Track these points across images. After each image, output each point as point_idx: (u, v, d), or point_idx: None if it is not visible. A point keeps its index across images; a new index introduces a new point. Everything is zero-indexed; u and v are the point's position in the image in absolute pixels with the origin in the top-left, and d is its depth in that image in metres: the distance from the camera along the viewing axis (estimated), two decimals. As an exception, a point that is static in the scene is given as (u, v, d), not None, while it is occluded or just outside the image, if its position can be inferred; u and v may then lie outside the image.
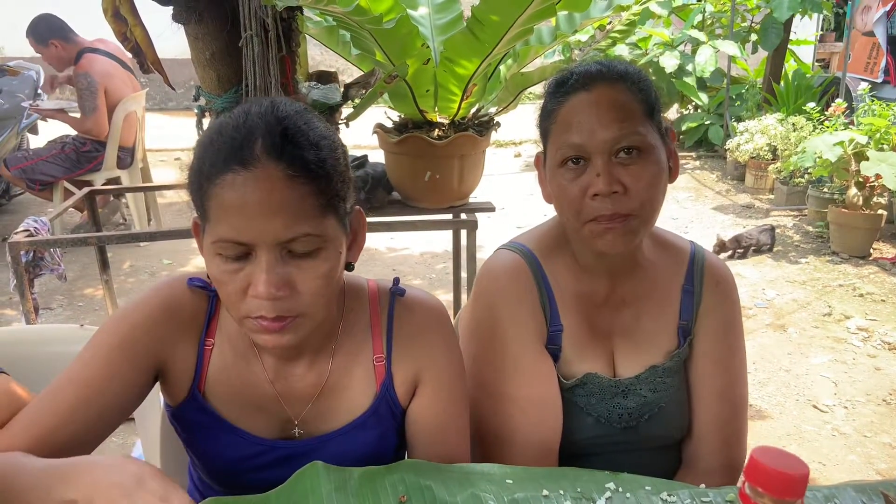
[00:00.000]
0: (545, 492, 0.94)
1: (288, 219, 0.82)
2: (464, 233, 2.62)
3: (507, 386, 1.11)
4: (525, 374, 1.11)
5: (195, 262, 4.36)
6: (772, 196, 5.43)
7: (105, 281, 2.66)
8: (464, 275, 2.95)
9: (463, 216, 2.50)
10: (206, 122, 1.90)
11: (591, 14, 2.24)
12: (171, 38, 1.76)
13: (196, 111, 1.92)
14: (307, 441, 1.03)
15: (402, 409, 1.05)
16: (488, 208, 2.50)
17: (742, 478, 0.62)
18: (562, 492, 0.94)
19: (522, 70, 2.33)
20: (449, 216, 2.54)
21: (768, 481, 0.58)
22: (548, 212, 5.34)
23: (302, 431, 1.03)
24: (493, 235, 3.99)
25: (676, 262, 1.19)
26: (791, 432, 2.64)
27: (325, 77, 2.02)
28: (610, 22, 2.51)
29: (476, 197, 2.56)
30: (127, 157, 4.52)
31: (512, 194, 5.70)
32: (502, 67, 2.39)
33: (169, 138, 7.44)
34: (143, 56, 1.77)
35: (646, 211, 1.03)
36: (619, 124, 1.00)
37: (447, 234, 4.03)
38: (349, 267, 0.97)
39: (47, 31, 4.19)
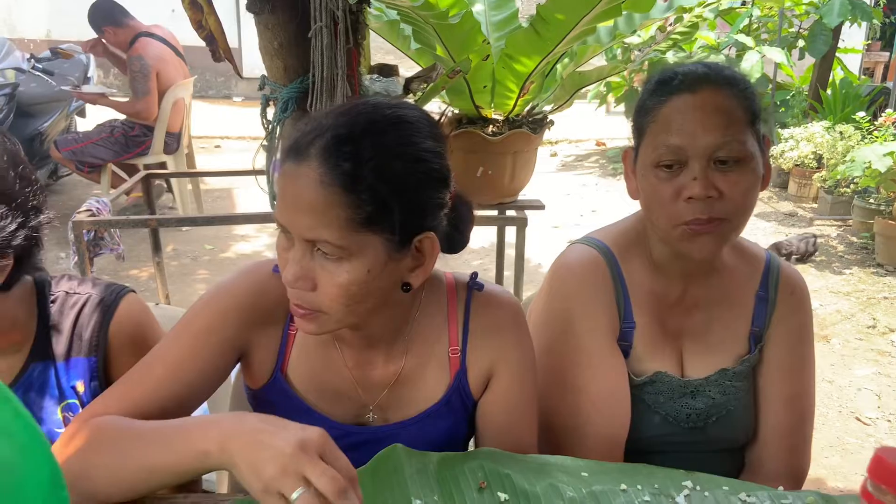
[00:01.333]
0: (623, 486, 0.95)
1: (312, 221, 0.84)
2: (509, 230, 2.63)
3: (579, 378, 1.13)
4: (597, 368, 1.13)
5: (236, 248, 4.43)
6: (815, 205, 5.36)
7: (157, 263, 2.71)
8: (507, 273, 2.96)
9: (509, 213, 2.51)
10: (270, 111, 1.92)
11: (652, 15, 2.24)
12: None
13: (261, 100, 1.95)
14: (381, 427, 1.06)
15: (474, 400, 1.07)
16: (537, 206, 2.50)
17: (865, 476, 0.64)
18: (639, 487, 0.95)
19: (579, 69, 2.33)
20: (494, 212, 2.55)
21: (893, 479, 0.59)
22: (584, 212, 5.33)
23: (376, 417, 1.06)
24: (528, 234, 4.00)
25: (752, 269, 1.19)
26: (833, 443, 2.62)
27: (387, 70, 2.05)
28: (671, 24, 2.50)
29: (525, 195, 2.57)
30: (173, 142, 4.60)
31: (548, 194, 5.69)
32: (559, 66, 2.39)
33: (209, 125, 7.54)
34: (216, 44, 1.81)
35: (738, 218, 1.03)
36: (723, 130, 0.99)
37: (484, 231, 4.05)
38: (406, 288, 0.94)
39: (100, 18, 4.27)
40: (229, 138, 7.51)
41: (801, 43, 6.25)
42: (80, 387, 1.07)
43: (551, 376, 1.15)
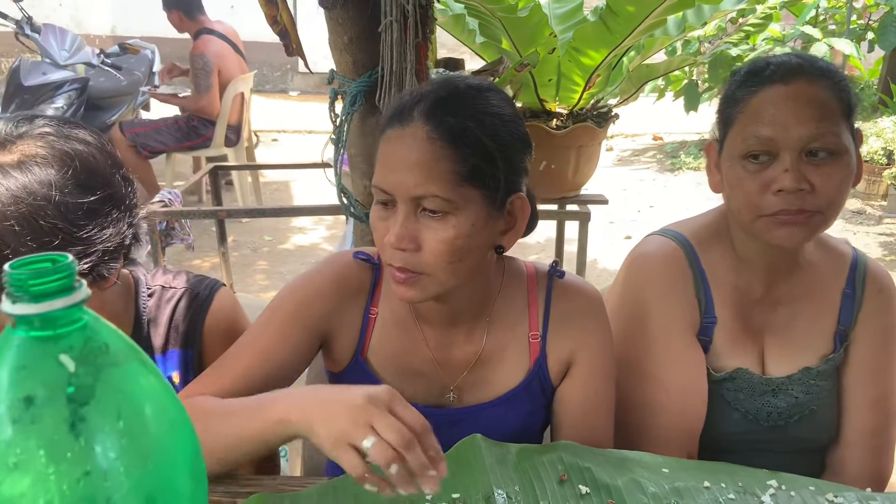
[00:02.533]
0: (706, 483, 0.94)
1: (420, 176, 0.88)
2: (569, 225, 2.62)
3: (654, 368, 1.12)
4: (674, 360, 1.11)
5: (294, 240, 4.50)
6: (884, 202, 5.16)
7: (222, 253, 2.79)
8: (566, 268, 2.94)
9: (570, 207, 2.49)
10: (338, 105, 1.95)
11: (722, 7, 2.19)
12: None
13: (329, 94, 1.97)
14: (459, 410, 1.07)
15: (553, 387, 1.08)
16: (600, 200, 2.48)
17: None
18: (723, 485, 0.94)
19: (647, 62, 2.30)
20: (554, 207, 2.54)
21: None
22: (641, 208, 5.23)
23: (456, 397, 1.07)
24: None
25: (838, 266, 1.16)
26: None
27: (453, 64, 2.06)
28: (744, 17, 2.44)
29: (587, 189, 2.55)
30: (234, 135, 4.71)
31: (605, 189, 5.62)
32: (625, 59, 2.36)
33: (266, 119, 7.68)
34: (289, 39, 1.84)
35: (830, 211, 1.01)
36: (817, 122, 0.97)
37: (540, 226, 4.03)
38: (498, 250, 0.99)
39: (175, 1, 4.41)
40: (286, 132, 7.64)
41: (870, 35, 6.01)
42: (176, 378, 1.11)
43: (626, 366, 1.14)
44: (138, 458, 0.40)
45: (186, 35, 4.54)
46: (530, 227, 1.04)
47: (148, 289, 1.10)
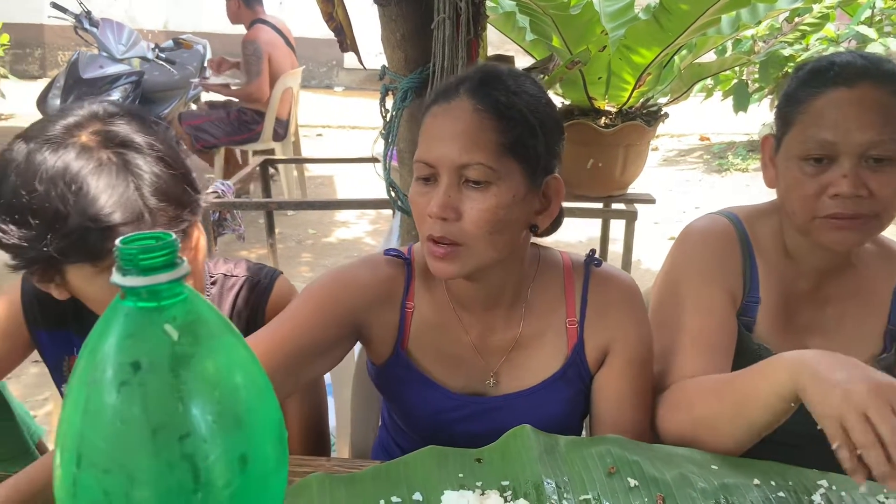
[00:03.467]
0: (756, 481, 0.94)
1: (466, 145, 0.92)
2: (614, 224, 2.61)
3: (682, 317, 1.11)
4: (701, 308, 1.10)
5: (337, 234, 4.57)
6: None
7: (270, 244, 2.85)
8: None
9: (615, 206, 2.49)
10: (388, 101, 1.98)
11: (778, 6, 2.16)
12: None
13: (380, 90, 2.01)
14: (498, 398, 1.09)
15: (591, 375, 1.09)
16: (647, 200, 2.47)
17: None
18: (773, 483, 0.94)
19: (699, 60, 2.28)
20: (599, 205, 2.53)
21: None
22: (687, 209, 5.16)
23: (496, 382, 1.09)
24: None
25: (890, 264, 1.15)
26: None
27: (503, 61, 2.07)
28: (799, 16, 2.40)
29: (633, 188, 2.54)
30: (282, 130, 4.80)
31: (650, 188, 5.57)
32: (676, 58, 2.35)
33: (311, 114, 7.78)
34: (344, 35, 1.89)
35: (885, 215, 1.00)
36: (879, 129, 0.96)
37: (582, 224, 4.01)
38: (533, 229, 1.01)
39: None
40: (330, 127, 7.74)
41: (929, 35, 5.82)
42: None
43: (658, 325, 1.13)
44: (232, 423, 0.43)
45: (237, 30, 4.65)
46: (557, 223, 1.05)
47: (211, 277, 1.15)
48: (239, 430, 0.43)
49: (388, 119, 2.00)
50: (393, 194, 2.01)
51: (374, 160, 3.40)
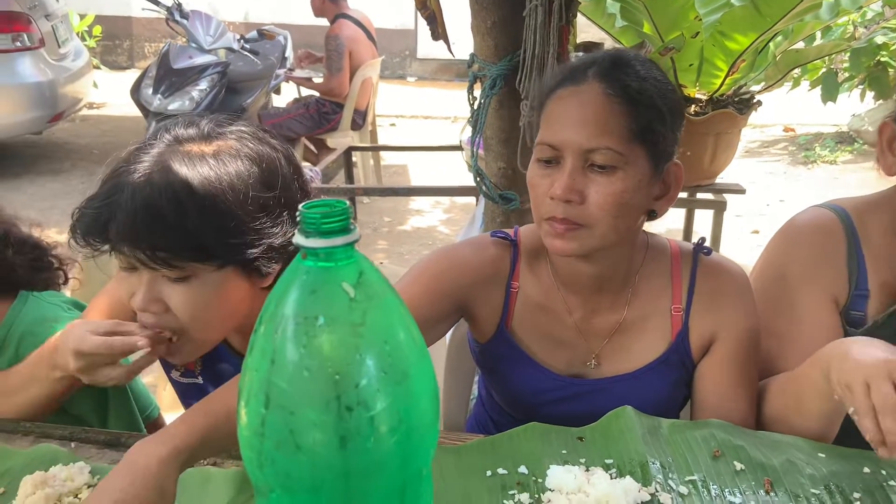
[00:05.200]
0: (866, 469, 0.93)
1: (595, 129, 0.92)
2: (698, 214, 2.56)
3: (783, 325, 1.11)
4: (804, 318, 1.10)
5: (412, 222, 4.63)
6: None
7: (353, 229, 2.93)
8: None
9: (700, 196, 2.44)
10: (476, 90, 2.00)
11: (883, -11, 2.08)
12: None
13: (469, 78, 2.04)
14: (599, 380, 1.10)
15: (694, 363, 1.08)
16: (737, 190, 2.42)
17: None
18: (884, 472, 0.93)
19: (796, 47, 2.21)
20: (685, 195, 2.50)
21: None
22: (770, 202, 4.98)
23: (597, 364, 1.10)
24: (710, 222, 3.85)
25: None
26: None
27: (592, 48, 2.06)
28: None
29: (722, 178, 2.49)
30: (360, 119, 4.89)
31: (732, 180, 5.43)
32: (772, 44, 2.28)
33: (384, 104, 7.88)
34: (436, 23, 1.92)
35: None
36: None
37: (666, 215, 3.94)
38: (652, 215, 1.02)
39: None
40: (403, 117, 7.82)
41: None
42: None
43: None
44: (400, 376, 0.47)
45: (315, 21, 4.76)
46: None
47: None
48: (405, 382, 0.47)
49: (475, 107, 2.03)
50: (479, 181, 2.03)
51: (458, 148, 3.44)
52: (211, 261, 0.91)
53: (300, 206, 0.47)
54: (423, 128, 7.52)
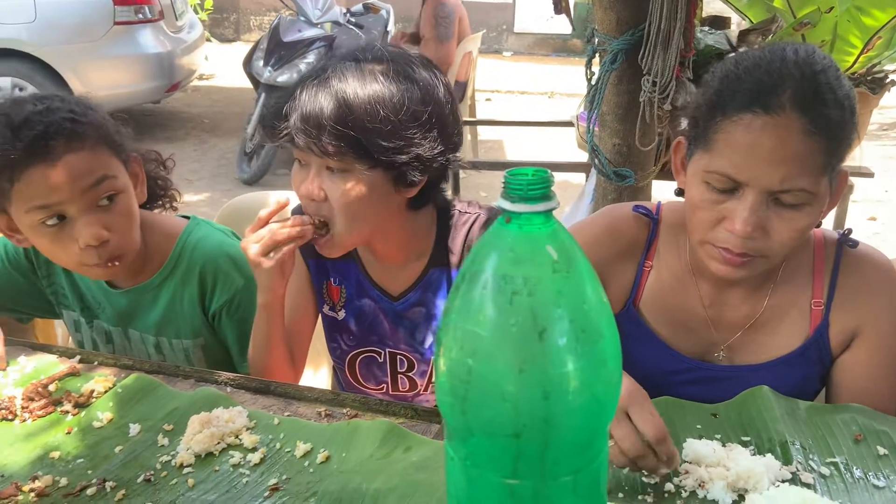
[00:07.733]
0: None
1: (791, 171, 0.86)
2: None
3: None
4: None
5: (509, 197, 4.65)
6: None
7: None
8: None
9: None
10: (595, 65, 1.98)
11: None
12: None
13: (587, 52, 2.02)
14: (728, 367, 1.09)
15: (832, 357, 1.06)
16: (865, 173, 2.30)
17: None
18: None
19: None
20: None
21: None
22: (889, 188, 4.69)
23: (725, 356, 1.09)
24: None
25: None
26: None
27: (719, 23, 2.00)
28: None
29: (854, 159, 2.37)
30: (460, 91, 4.92)
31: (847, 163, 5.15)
32: (913, 20, 2.15)
33: (480, 79, 7.85)
34: (559, -3, 1.92)
35: None
36: None
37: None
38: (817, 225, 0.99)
39: None
40: (499, 92, 7.81)
41: None
42: None
43: None
44: (595, 335, 0.50)
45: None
46: None
47: (452, 215, 1.25)
48: (600, 342, 0.50)
49: (593, 82, 2.02)
50: (594, 157, 2.02)
51: (563, 124, 3.42)
52: (364, 159, 1.04)
53: (505, 173, 0.50)
54: (520, 103, 7.48)
